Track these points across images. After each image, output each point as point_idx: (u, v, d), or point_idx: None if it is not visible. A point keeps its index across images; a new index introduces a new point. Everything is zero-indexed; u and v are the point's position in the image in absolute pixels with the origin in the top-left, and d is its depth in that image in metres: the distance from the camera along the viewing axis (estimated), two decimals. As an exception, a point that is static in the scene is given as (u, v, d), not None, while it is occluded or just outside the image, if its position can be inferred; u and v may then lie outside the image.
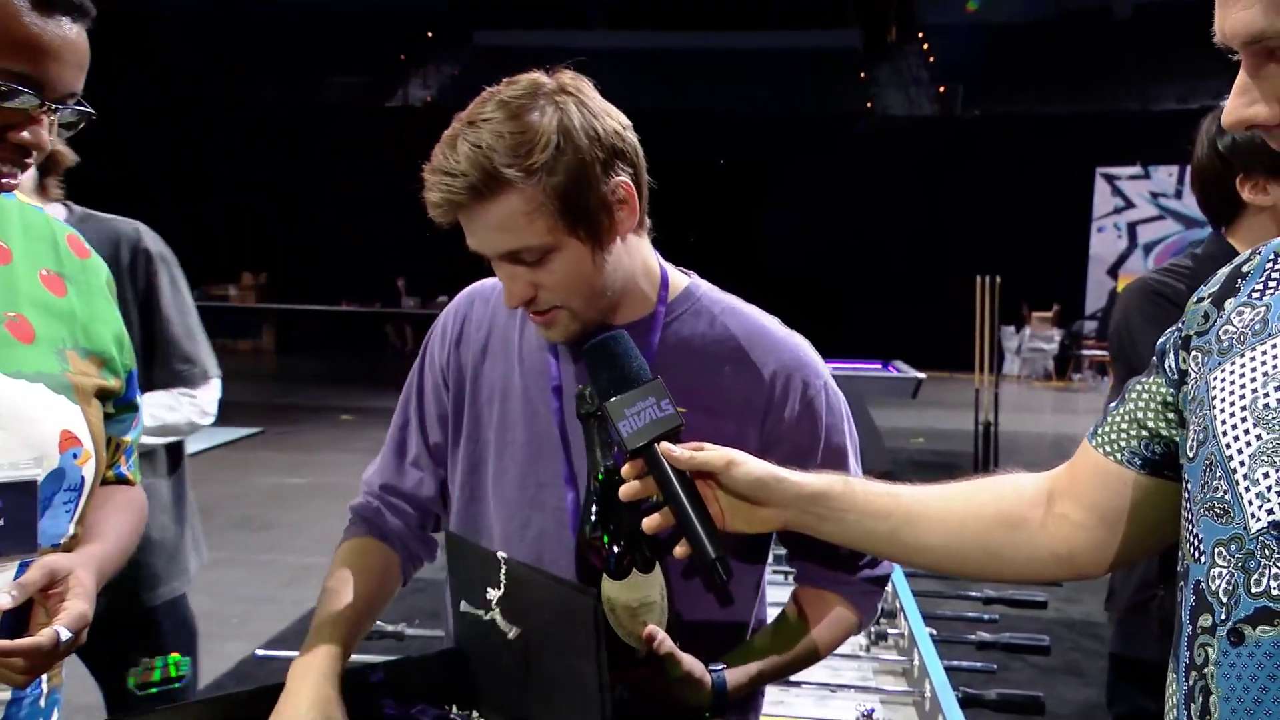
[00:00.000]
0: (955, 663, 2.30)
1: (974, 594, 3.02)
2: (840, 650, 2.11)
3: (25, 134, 0.93)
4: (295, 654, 1.13)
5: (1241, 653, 0.70)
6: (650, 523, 0.99)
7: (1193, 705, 0.74)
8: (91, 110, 0.99)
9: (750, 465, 0.98)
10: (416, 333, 16.81)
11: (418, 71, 21.54)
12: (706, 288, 1.22)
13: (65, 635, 0.92)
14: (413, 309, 16.54)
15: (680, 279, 1.21)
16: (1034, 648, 2.55)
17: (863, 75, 21.26)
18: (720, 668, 1.09)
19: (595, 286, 1.10)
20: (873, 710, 1.78)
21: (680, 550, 0.98)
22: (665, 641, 1.03)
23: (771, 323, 1.20)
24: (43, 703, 1.05)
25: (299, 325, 16.47)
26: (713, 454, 0.98)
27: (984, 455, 7.20)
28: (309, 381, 12.81)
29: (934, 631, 2.23)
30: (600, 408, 0.99)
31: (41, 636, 0.91)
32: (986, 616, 2.87)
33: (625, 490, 0.99)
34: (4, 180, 0.96)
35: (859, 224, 16.22)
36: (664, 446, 0.97)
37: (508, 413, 1.20)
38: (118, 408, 1.13)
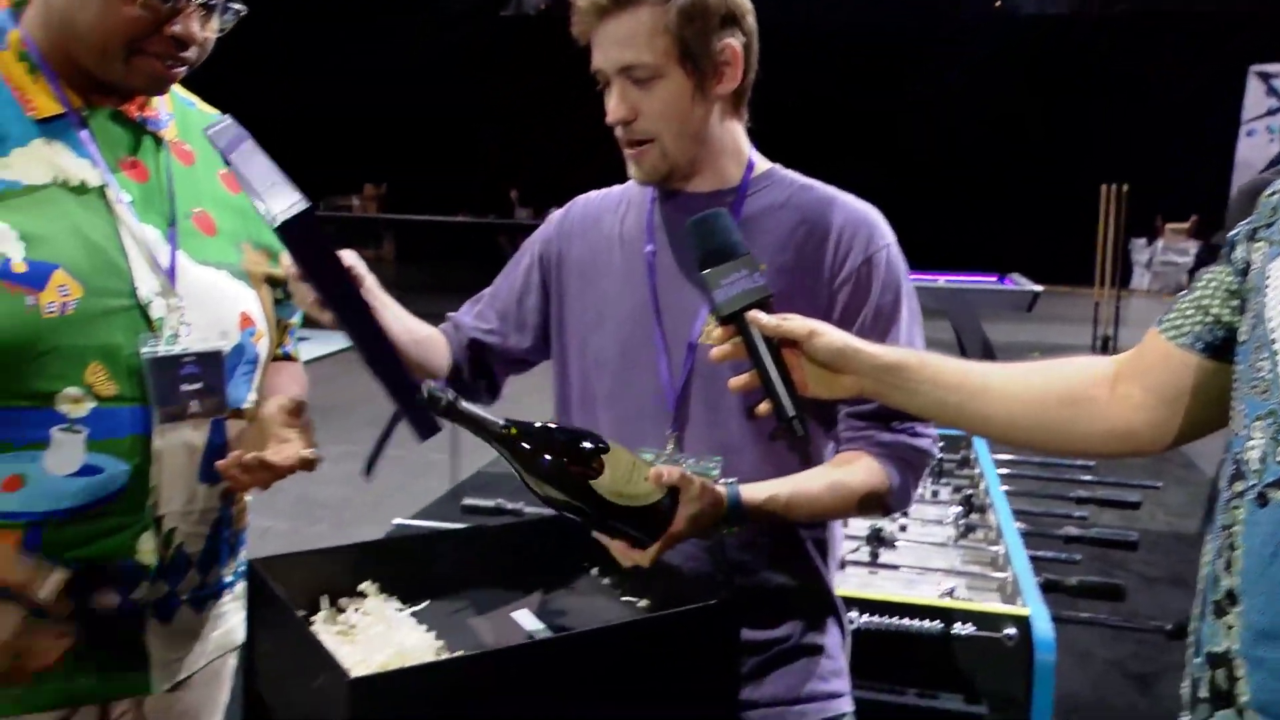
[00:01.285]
0: (1040, 553, 2.35)
1: (1068, 494, 3.03)
2: (930, 539, 2.23)
3: (178, 27, 1.03)
4: (436, 523, 1.26)
5: (1265, 513, 0.76)
6: (737, 382, 1.09)
7: (1219, 560, 0.81)
8: (243, 7, 1.09)
9: (831, 336, 1.07)
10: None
11: (530, -21, 21.34)
12: (790, 172, 1.32)
13: (313, 455, 1.09)
14: (525, 220, 16.79)
15: (764, 163, 1.32)
16: (1120, 542, 2.57)
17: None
18: (733, 481, 1.17)
19: (688, 127, 1.22)
20: (953, 589, 1.86)
21: (763, 408, 1.07)
22: (671, 471, 1.09)
23: (844, 194, 1.29)
24: (235, 540, 1.23)
25: (418, 235, 16.98)
26: (797, 323, 1.07)
27: (1101, 370, 6.93)
28: (428, 289, 13.21)
29: (1023, 526, 2.28)
30: (699, 276, 1.09)
31: (308, 454, 1.08)
32: (1077, 514, 2.89)
33: (716, 353, 1.10)
34: (171, 72, 1.07)
35: (978, 129, 15.45)
36: (753, 314, 1.06)
37: (609, 292, 1.33)
38: (285, 293, 1.28)
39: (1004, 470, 2.79)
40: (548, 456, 1.02)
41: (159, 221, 1.12)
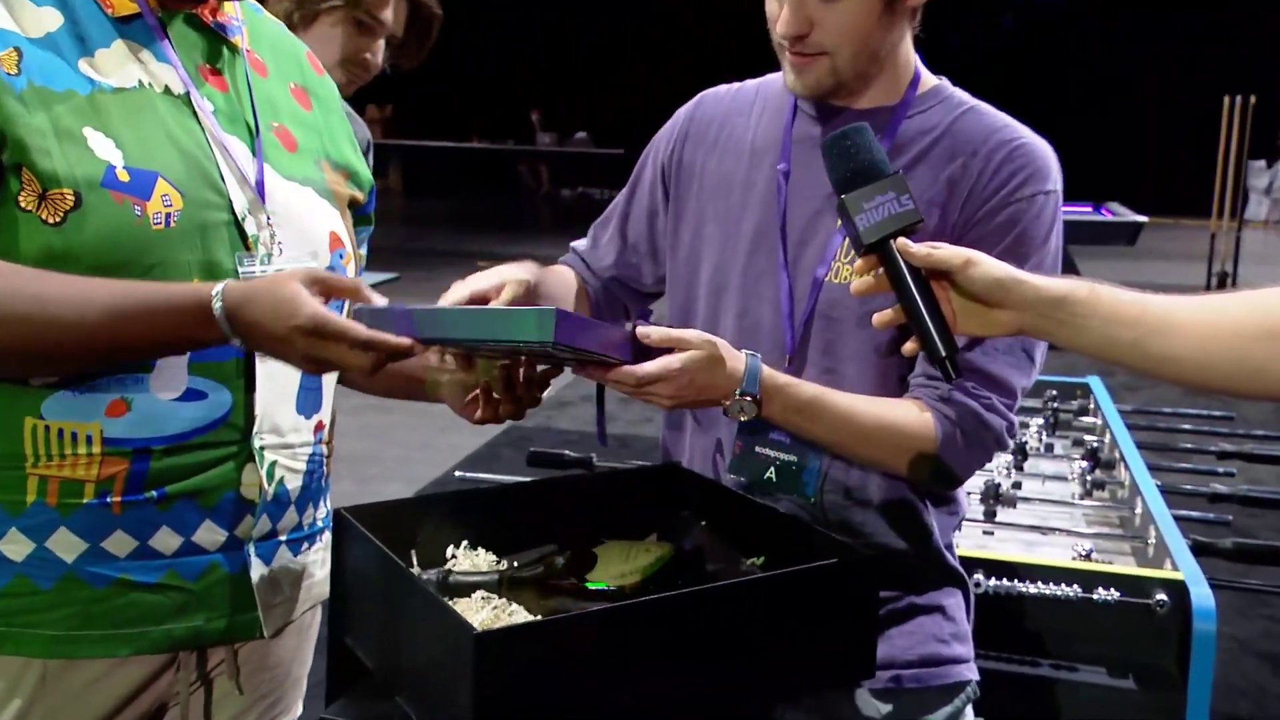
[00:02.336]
0: (1183, 513, 2.33)
1: (1209, 448, 2.99)
2: (1051, 496, 2.22)
3: None
4: (488, 475, 1.29)
5: None
6: (881, 318, 1.08)
7: None
8: None
9: (989, 265, 1.05)
10: (553, 172, 17.07)
11: None
12: (958, 90, 1.29)
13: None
14: (548, 146, 16.71)
15: (931, 78, 1.29)
16: (1276, 501, 2.54)
17: None
18: (756, 355, 1.16)
19: (869, 45, 1.20)
20: (1091, 550, 1.85)
21: (910, 347, 1.06)
22: (651, 331, 1.08)
23: (1014, 123, 1.25)
24: (324, 481, 1.26)
25: (427, 163, 16.96)
26: (949, 252, 1.05)
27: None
28: (440, 225, 13.31)
29: (1159, 483, 2.26)
30: (838, 201, 1.07)
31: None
32: (1221, 470, 2.85)
33: (857, 285, 1.09)
34: None
35: (1068, 33, 15.04)
36: (901, 242, 1.05)
37: (732, 206, 1.31)
38: (357, 219, 1.30)
39: (1128, 421, 2.75)
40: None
41: (243, 134, 1.14)
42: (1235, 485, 2.70)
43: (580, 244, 1.49)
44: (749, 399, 1.13)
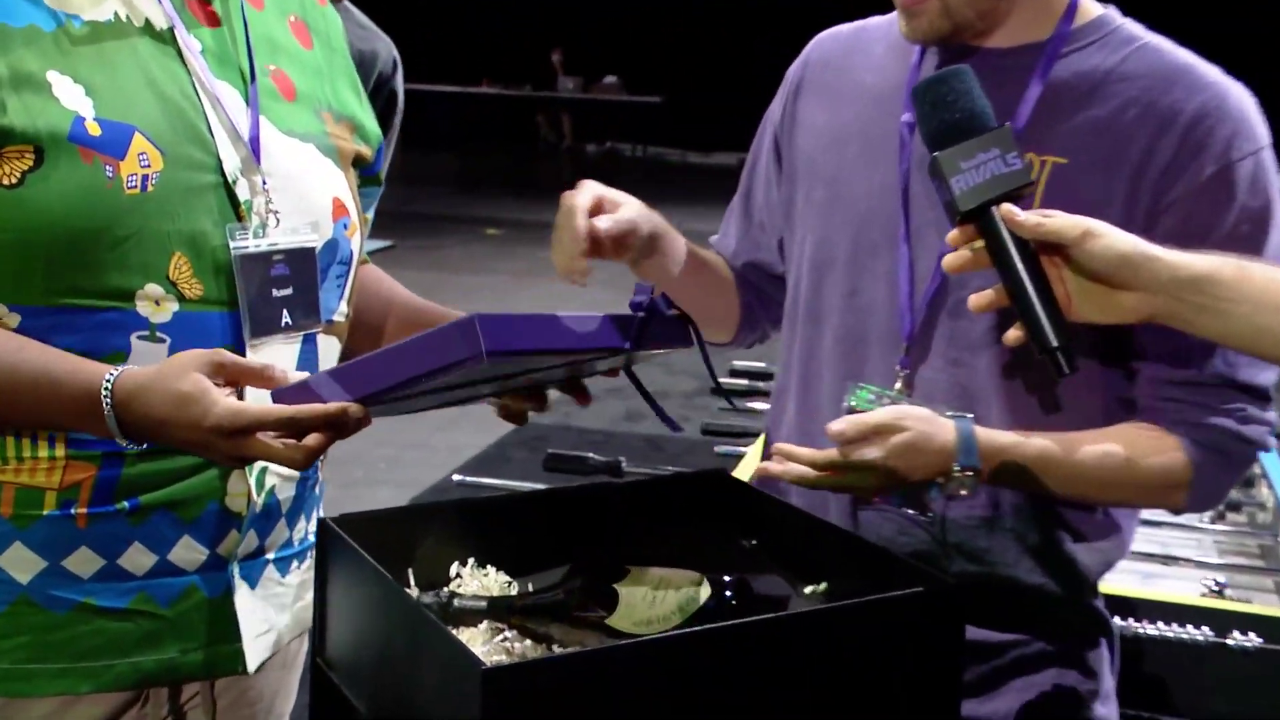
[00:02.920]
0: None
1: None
2: (1175, 520, 2.18)
3: None
4: (494, 480, 1.29)
5: None
6: (979, 300, 1.07)
7: None
8: None
9: (1113, 238, 1.03)
10: (576, 123, 17.07)
11: None
12: (1128, 22, 1.25)
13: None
14: (572, 92, 16.72)
15: (1094, 6, 1.25)
16: None
17: None
18: (968, 416, 1.16)
19: None
20: (1224, 585, 1.83)
21: (1013, 335, 1.05)
22: (844, 429, 1.11)
23: (1201, 64, 1.21)
24: (317, 490, 1.28)
25: (428, 111, 17.01)
26: (1064, 221, 1.03)
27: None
28: (445, 185, 13.38)
29: (1310, 505, 2.22)
30: (931, 160, 1.05)
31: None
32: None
33: (950, 260, 1.07)
34: None
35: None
36: (1005, 209, 1.03)
37: (845, 162, 1.31)
38: (363, 180, 1.30)
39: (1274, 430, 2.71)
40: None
41: (235, 79, 1.14)
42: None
43: (717, 240, 1.51)
44: (969, 474, 1.14)
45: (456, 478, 2.83)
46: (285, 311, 1.13)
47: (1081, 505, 1.24)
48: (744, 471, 2.07)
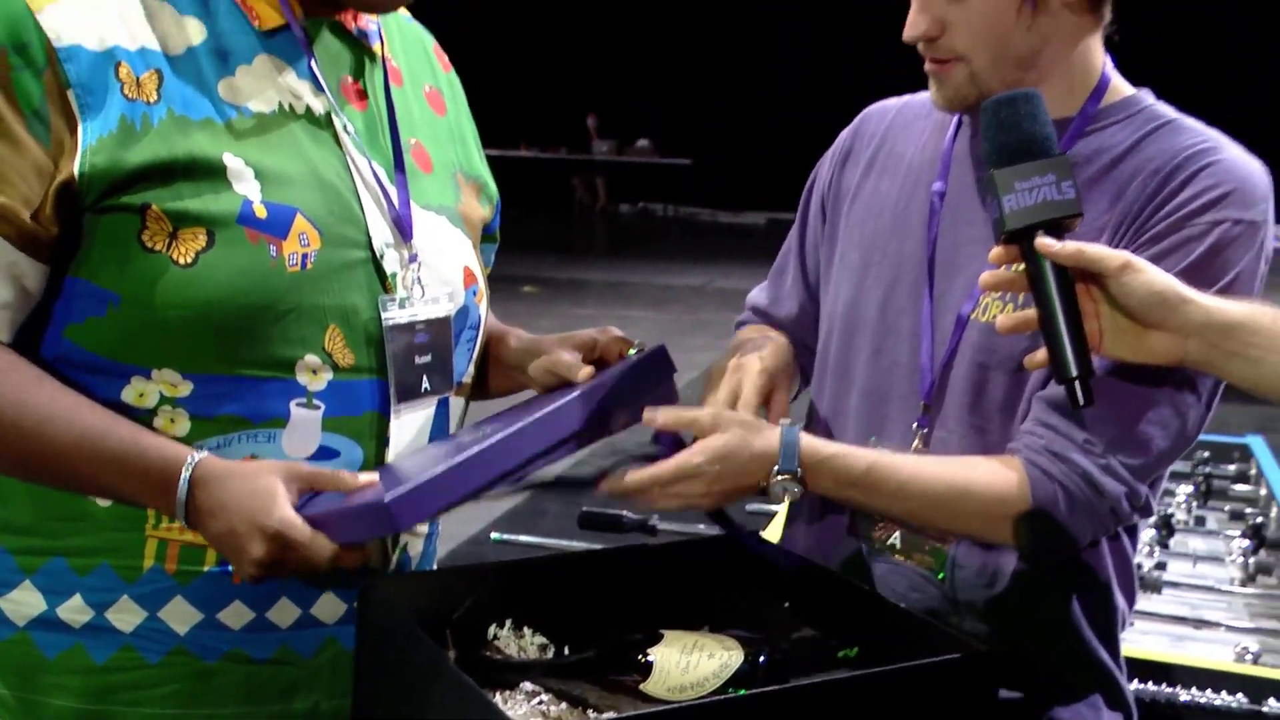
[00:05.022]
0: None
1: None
2: (1204, 583, 2.13)
3: None
4: (529, 538, 1.30)
5: None
6: (1006, 320, 1.06)
7: None
8: None
9: (1152, 274, 1.00)
10: (611, 185, 17.21)
11: None
12: (1159, 103, 1.23)
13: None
14: (606, 155, 16.87)
15: (1124, 87, 1.24)
16: None
17: None
18: (797, 425, 1.15)
19: (1009, 47, 1.17)
20: (1260, 652, 1.77)
21: (1037, 358, 1.03)
22: (658, 414, 1.11)
23: (1222, 140, 1.18)
24: (435, 544, 1.30)
25: (469, 175, 17.20)
26: (1105, 251, 1.00)
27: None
28: (482, 244, 13.48)
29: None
30: (987, 175, 1.03)
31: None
32: None
33: (987, 278, 1.06)
34: None
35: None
36: (1040, 241, 1.00)
37: (880, 230, 1.30)
38: (481, 237, 1.32)
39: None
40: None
41: (383, 158, 1.17)
42: None
43: (758, 298, 1.48)
44: (789, 476, 1.12)
45: (494, 535, 2.81)
46: (425, 377, 1.17)
47: (1088, 564, 1.20)
48: (774, 530, 2.04)
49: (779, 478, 1.12)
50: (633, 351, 1.21)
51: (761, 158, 14.45)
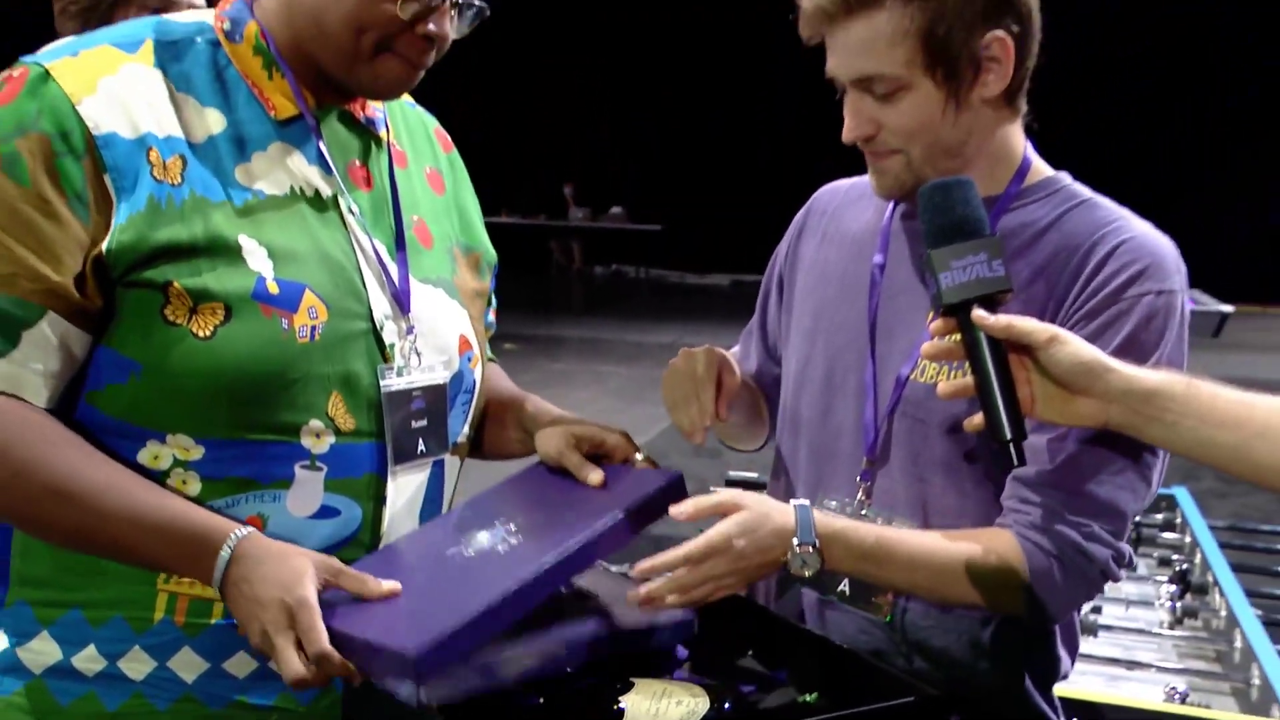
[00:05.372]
0: (1287, 648, 2.26)
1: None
2: (1135, 625, 2.16)
3: (431, 25, 1.12)
4: None
5: None
6: (946, 387, 1.10)
7: None
8: (486, 6, 1.17)
9: (1077, 346, 1.04)
10: (586, 249, 17.26)
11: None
12: (1075, 184, 1.28)
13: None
14: (582, 221, 16.94)
15: (1044, 169, 1.28)
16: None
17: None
18: (806, 503, 1.16)
19: (940, 141, 1.21)
20: (1186, 692, 1.80)
21: (975, 422, 1.07)
22: (691, 505, 1.12)
23: (1132, 220, 1.22)
24: None
25: (451, 239, 17.20)
26: (1033, 325, 1.05)
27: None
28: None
29: (1260, 613, 2.20)
30: (926, 255, 1.08)
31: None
32: (1329, 599, 2.76)
33: (928, 348, 1.10)
34: (414, 74, 1.16)
35: (1145, 112, 15.15)
36: (976, 313, 1.04)
37: (827, 298, 1.35)
38: (490, 302, 1.37)
39: (1220, 538, 2.70)
40: None
41: (386, 236, 1.20)
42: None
43: (735, 350, 1.51)
44: (809, 549, 1.12)
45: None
46: (421, 440, 1.18)
47: (1031, 610, 1.20)
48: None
49: (798, 549, 1.12)
50: (639, 456, 1.22)
51: (726, 225, 14.58)
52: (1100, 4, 13.85)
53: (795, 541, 1.12)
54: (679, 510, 1.12)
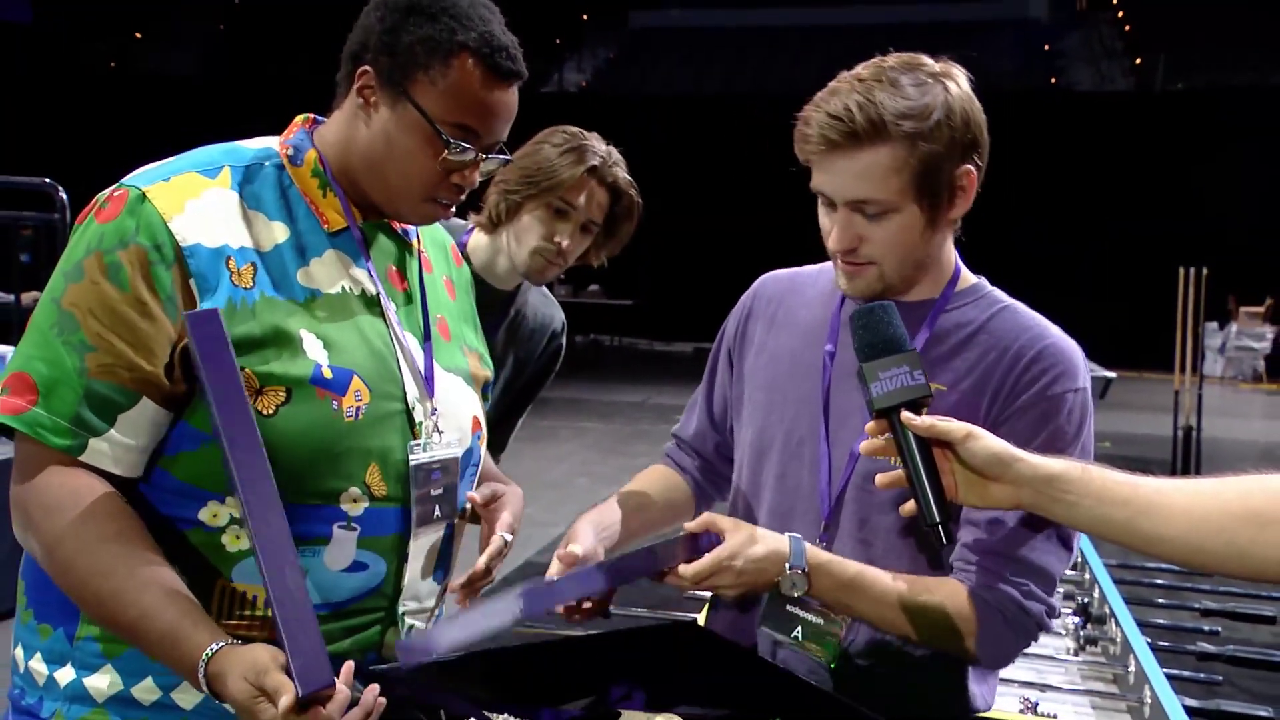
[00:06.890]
0: (1174, 671, 2.24)
1: (1193, 605, 2.90)
2: (1043, 652, 2.13)
3: (467, 176, 1.16)
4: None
5: None
6: (884, 478, 1.09)
7: None
8: (509, 156, 1.20)
9: (988, 441, 1.05)
10: (567, 321, 17.31)
11: (572, 55, 22.05)
12: (994, 290, 1.30)
13: (508, 538, 1.24)
14: (564, 297, 16.99)
15: (970, 276, 1.31)
16: (1265, 663, 2.44)
17: (1047, 48, 20.26)
18: (798, 536, 1.17)
19: (913, 256, 1.22)
20: (1037, 703, 1.79)
21: (908, 508, 1.06)
22: (690, 573, 1.12)
23: (1044, 323, 1.25)
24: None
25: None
26: (952, 425, 1.05)
27: (1183, 463, 6.80)
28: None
29: (1149, 640, 2.18)
30: (859, 368, 1.09)
31: (492, 544, 1.23)
32: (1207, 628, 2.75)
33: (866, 446, 1.09)
34: (447, 211, 1.20)
35: (1040, 208, 15.49)
36: (905, 415, 1.05)
37: (779, 374, 1.33)
38: (485, 394, 1.36)
39: (1113, 575, 2.68)
40: None
41: (415, 329, 1.22)
42: (1222, 645, 2.59)
43: (679, 427, 1.50)
44: (799, 572, 1.14)
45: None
46: (437, 506, 1.19)
47: (980, 654, 1.20)
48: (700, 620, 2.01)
49: (789, 572, 1.14)
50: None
51: (689, 301, 14.70)
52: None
53: (788, 566, 1.14)
54: (683, 572, 1.13)
